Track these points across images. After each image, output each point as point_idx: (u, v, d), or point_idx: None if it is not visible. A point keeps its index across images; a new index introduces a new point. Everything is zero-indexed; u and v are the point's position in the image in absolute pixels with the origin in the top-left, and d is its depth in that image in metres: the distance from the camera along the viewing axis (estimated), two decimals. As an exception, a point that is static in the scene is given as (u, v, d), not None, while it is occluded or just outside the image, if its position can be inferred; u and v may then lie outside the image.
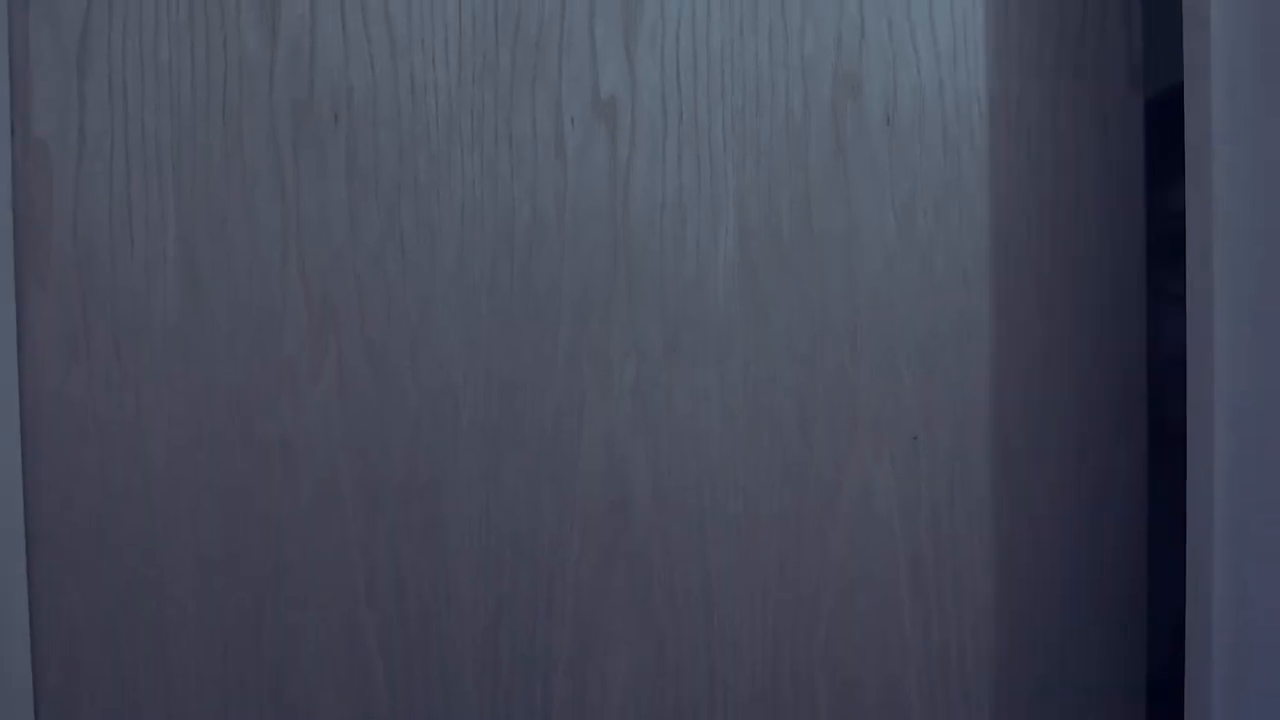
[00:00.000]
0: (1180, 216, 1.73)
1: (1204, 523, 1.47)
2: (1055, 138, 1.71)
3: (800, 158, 1.69)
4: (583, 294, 1.65)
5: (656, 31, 1.64)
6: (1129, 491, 1.72)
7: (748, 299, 1.68)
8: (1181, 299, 1.78)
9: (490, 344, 1.66)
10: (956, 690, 1.72)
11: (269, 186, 1.62)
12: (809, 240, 1.69)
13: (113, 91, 1.60)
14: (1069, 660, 1.71)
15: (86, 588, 1.61)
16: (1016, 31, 1.70)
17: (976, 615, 1.74)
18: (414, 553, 1.67)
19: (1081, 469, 1.75)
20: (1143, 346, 1.69)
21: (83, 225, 1.60)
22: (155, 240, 1.62)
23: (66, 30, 1.58)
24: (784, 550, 1.70)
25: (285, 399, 1.64)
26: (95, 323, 1.60)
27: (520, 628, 1.67)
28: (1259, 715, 1.45)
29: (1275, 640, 1.46)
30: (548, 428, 1.67)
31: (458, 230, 1.65)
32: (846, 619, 1.71)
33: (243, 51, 1.61)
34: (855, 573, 1.72)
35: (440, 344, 1.65)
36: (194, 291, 1.61)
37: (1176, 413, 1.74)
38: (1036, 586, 1.74)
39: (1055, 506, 1.75)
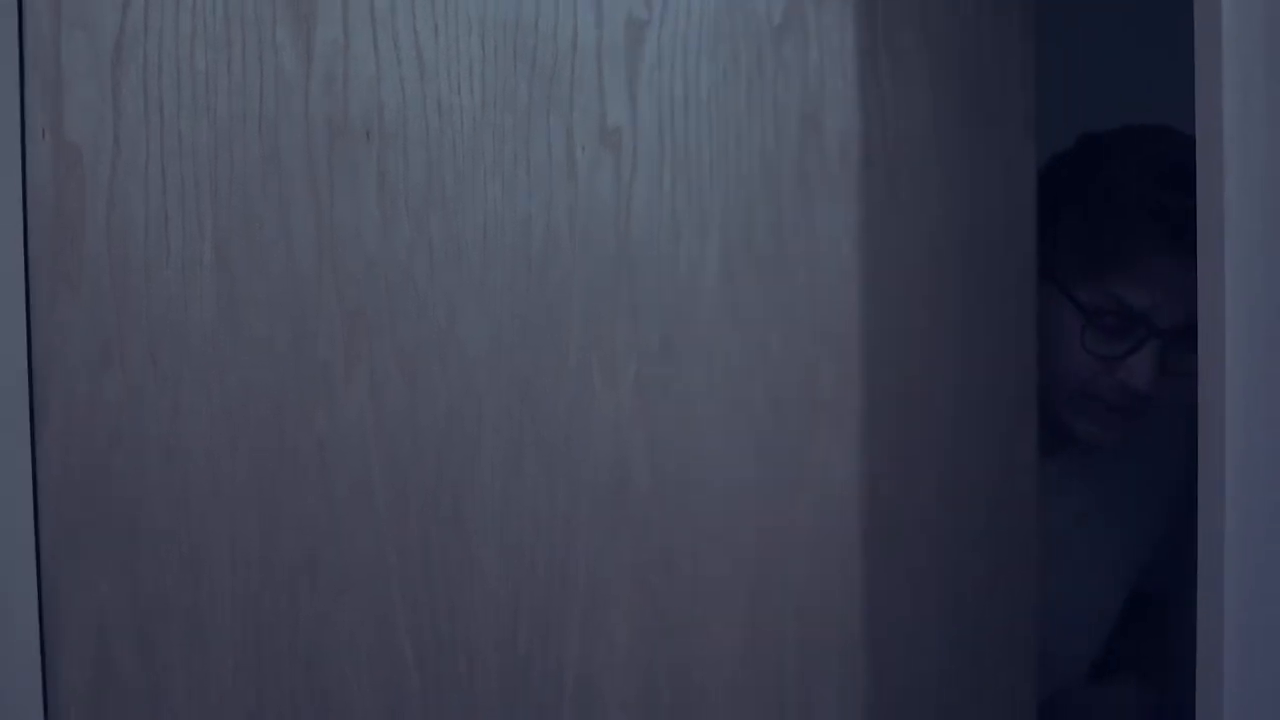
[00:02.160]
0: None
1: (1215, 527, 0.81)
2: (973, 173, 1.17)
3: (773, 185, 1.08)
4: (591, 300, 1.02)
5: (654, 73, 1.03)
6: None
7: (729, 305, 1.07)
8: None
9: (511, 347, 1.00)
10: (902, 627, 1.14)
11: (304, 198, 0.93)
12: (779, 256, 1.08)
13: (148, 98, 0.89)
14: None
15: (121, 589, 0.89)
16: (945, 87, 1.14)
17: (913, 566, 1.15)
18: (441, 541, 0.98)
19: (1007, 440, 1.21)
20: (1031, 320, 1.20)
21: (117, 231, 0.89)
22: (192, 247, 0.91)
23: (100, 35, 0.88)
24: (760, 519, 1.08)
25: (320, 403, 0.94)
26: (129, 328, 0.89)
27: (537, 600, 1.01)
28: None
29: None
30: (562, 421, 1.02)
31: (481, 242, 0.99)
32: (810, 574, 1.10)
33: (279, 67, 0.92)
34: (818, 536, 1.10)
35: (466, 348, 0.99)
36: (230, 298, 0.92)
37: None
38: (962, 535, 1.18)
39: (984, 470, 1.19)
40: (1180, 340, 1.16)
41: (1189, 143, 1.16)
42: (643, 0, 1.03)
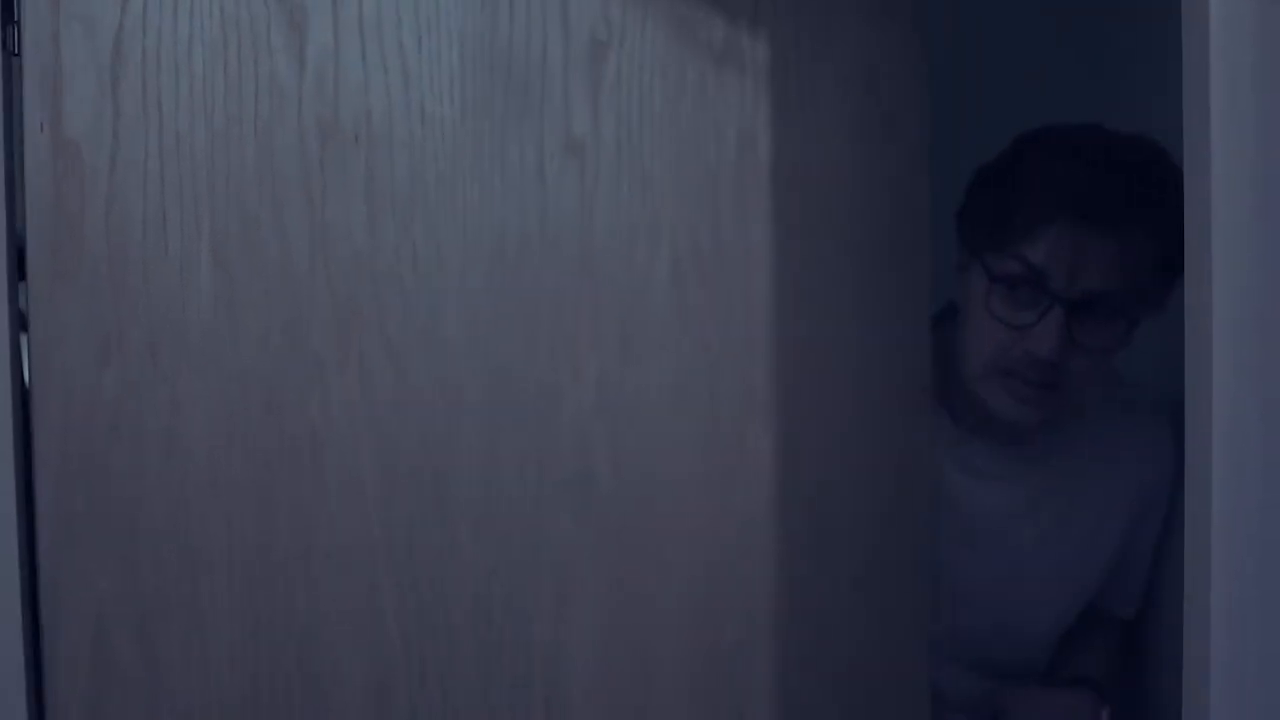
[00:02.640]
0: None
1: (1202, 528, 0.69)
2: (872, 189, 1.11)
3: (715, 199, 1.02)
4: (558, 299, 0.95)
5: (615, 91, 0.96)
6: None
7: (677, 307, 1.00)
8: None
9: (488, 342, 0.92)
10: (820, 597, 1.07)
11: (297, 197, 0.84)
12: (720, 262, 1.02)
13: (146, 97, 0.79)
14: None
15: (120, 582, 0.79)
16: (851, 113, 1.07)
17: (827, 542, 1.07)
18: (425, 525, 0.90)
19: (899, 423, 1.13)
20: (924, 323, 1.11)
21: (116, 228, 0.79)
22: (190, 244, 0.81)
23: (99, 31, 0.78)
24: (704, 504, 1.02)
25: (314, 395, 0.85)
26: (129, 324, 0.79)
27: (511, 580, 0.93)
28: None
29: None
30: (532, 412, 0.94)
31: (460, 242, 0.91)
32: (747, 553, 1.03)
33: (273, 71, 0.83)
34: (751, 520, 1.04)
35: (447, 341, 0.91)
36: (228, 293, 0.82)
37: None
38: (868, 514, 1.10)
39: (884, 454, 1.11)
40: (1088, 312, 1.04)
41: (1114, 135, 1.06)
42: (604, 22, 0.96)
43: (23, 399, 0.77)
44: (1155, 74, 1.08)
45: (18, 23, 0.75)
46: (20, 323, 0.78)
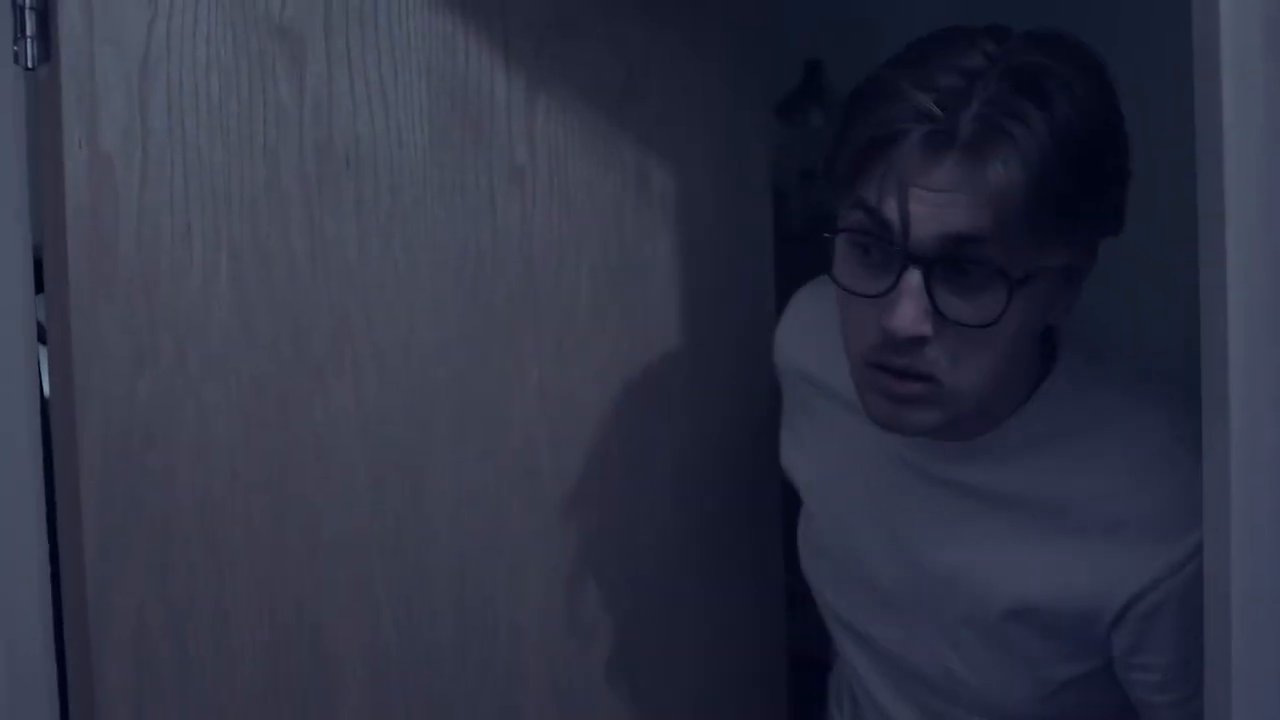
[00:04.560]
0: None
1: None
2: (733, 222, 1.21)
3: (620, 218, 1.12)
4: (508, 310, 1.03)
5: (545, 127, 1.05)
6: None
7: (598, 316, 1.10)
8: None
9: (455, 350, 0.99)
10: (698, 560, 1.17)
11: (300, 215, 0.89)
12: (626, 275, 1.12)
13: (171, 116, 0.82)
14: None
15: (156, 583, 0.81)
16: (714, 158, 1.18)
17: (708, 515, 1.16)
18: (409, 518, 0.96)
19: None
20: (769, 325, 1.17)
21: (147, 239, 0.81)
22: (211, 255, 0.84)
23: (129, 54, 0.80)
24: (625, 487, 1.11)
25: (317, 398, 0.90)
26: (160, 333, 0.81)
27: (478, 564, 1.00)
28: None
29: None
30: (491, 414, 1.02)
31: (431, 257, 0.98)
32: (656, 526, 1.13)
33: (278, 97, 0.88)
34: (655, 498, 1.13)
35: (423, 346, 0.97)
36: (243, 303, 0.86)
37: None
38: (741, 489, 1.19)
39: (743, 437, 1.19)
40: (956, 272, 0.75)
41: (987, 30, 0.77)
42: (535, 64, 1.04)
43: (42, 409, 0.76)
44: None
45: (32, 37, 0.75)
46: (39, 335, 0.77)
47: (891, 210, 0.76)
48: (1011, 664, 0.85)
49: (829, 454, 0.97)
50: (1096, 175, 0.75)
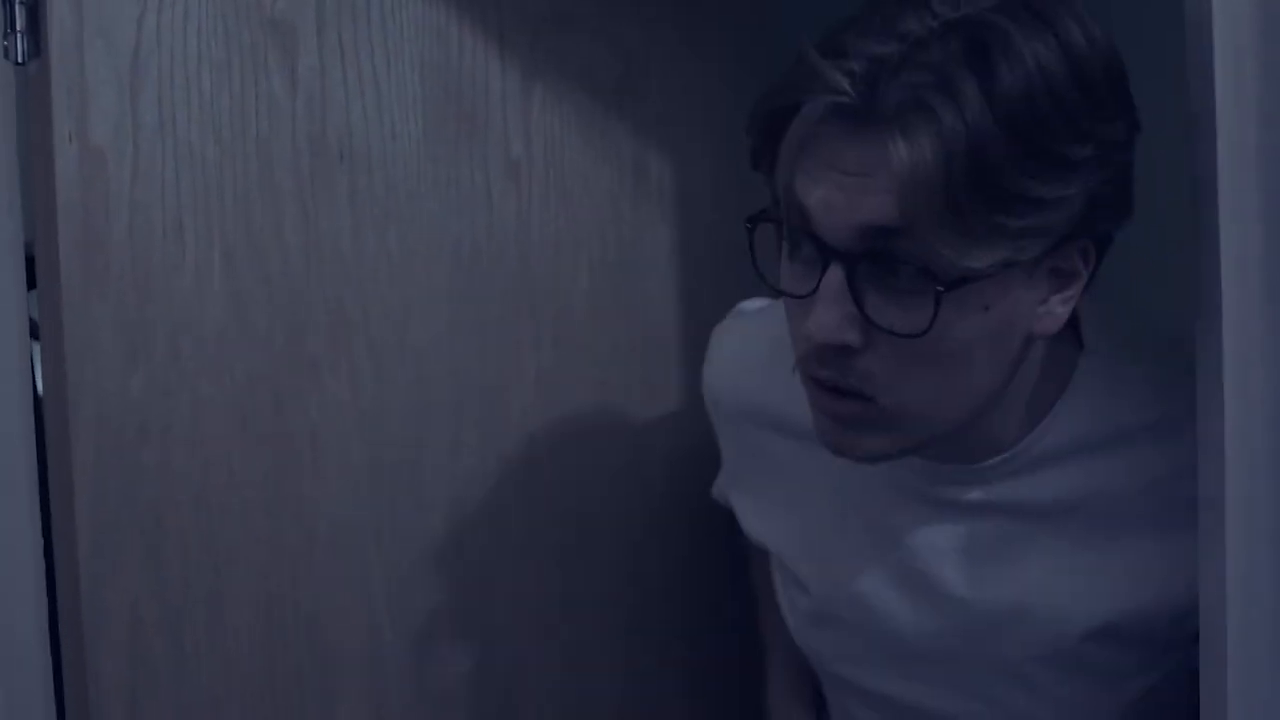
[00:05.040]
0: None
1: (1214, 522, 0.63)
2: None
3: (617, 212, 1.10)
4: (503, 303, 1.02)
5: (541, 120, 1.04)
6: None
7: (595, 310, 1.08)
8: None
9: (450, 343, 0.98)
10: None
11: (294, 209, 0.88)
12: (623, 269, 1.11)
13: (162, 110, 0.80)
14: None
15: (151, 578, 0.79)
16: (713, 150, 1.14)
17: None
18: (406, 511, 0.95)
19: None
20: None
21: (140, 235, 0.80)
22: (204, 251, 0.83)
23: (119, 47, 0.78)
24: (624, 483, 1.09)
25: (312, 393, 0.89)
26: (152, 328, 0.80)
27: (477, 563, 0.99)
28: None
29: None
30: (488, 405, 1.01)
31: (426, 251, 0.96)
32: (658, 517, 1.11)
33: (270, 90, 0.86)
34: (665, 490, 1.12)
35: (419, 340, 0.96)
36: (237, 299, 0.85)
37: None
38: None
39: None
40: (885, 271, 0.64)
41: None
42: (530, 57, 1.04)
43: (35, 406, 0.76)
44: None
45: (22, 32, 0.74)
46: (31, 331, 0.76)
47: (808, 195, 0.64)
48: (1090, 686, 0.74)
49: (810, 505, 0.80)
50: (1049, 160, 0.61)
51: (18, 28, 0.74)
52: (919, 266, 0.62)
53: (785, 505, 0.82)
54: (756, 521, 0.86)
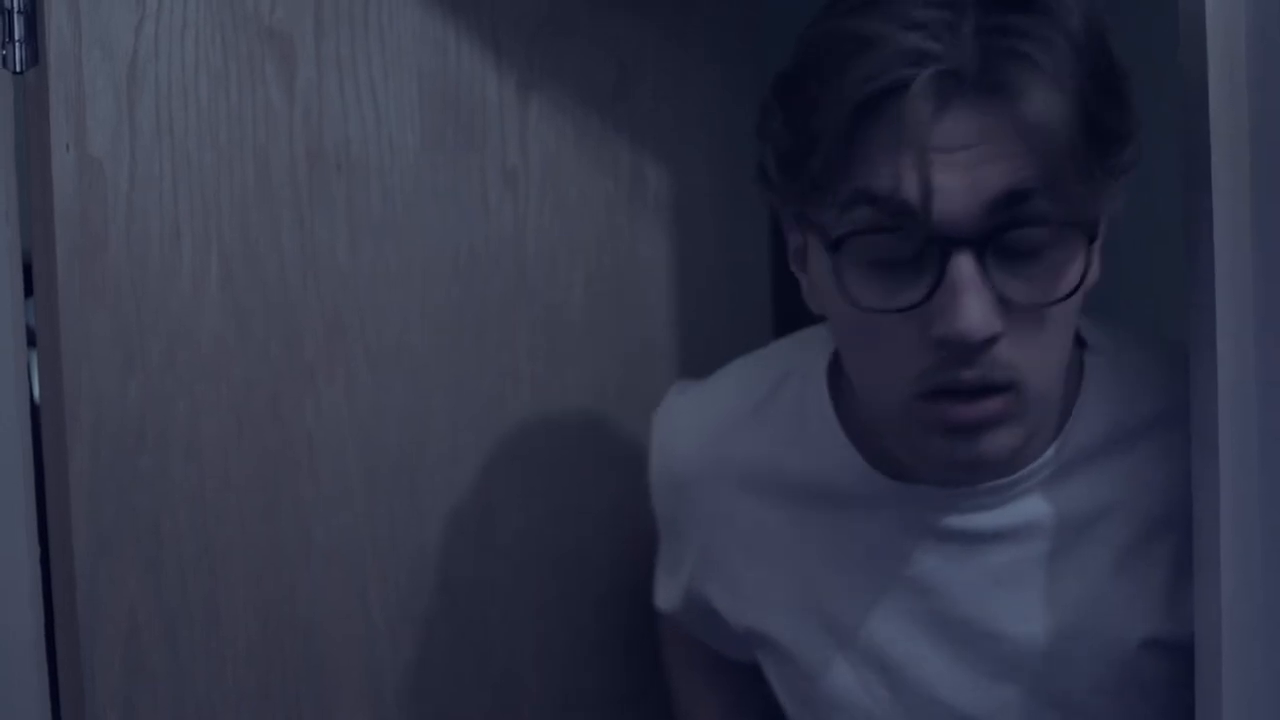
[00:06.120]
0: None
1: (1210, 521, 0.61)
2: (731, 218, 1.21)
3: (614, 220, 1.10)
4: (500, 311, 1.02)
5: (538, 128, 1.04)
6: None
7: (590, 319, 1.09)
8: None
9: (448, 352, 0.98)
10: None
11: (290, 218, 0.88)
12: (620, 277, 1.11)
13: (159, 119, 0.80)
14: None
15: (148, 585, 0.79)
16: (713, 159, 1.17)
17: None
18: (403, 521, 0.95)
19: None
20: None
21: (136, 242, 0.79)
22: (201, 259, 0.83)
23: (116, 56, 0.78)
24: (617, 493, 1.08)
25: (309, 400, 0.89)
26: (149, 335, 0.80)
27: (475, 569, 0.99)
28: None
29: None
30: (486, 408, 1.01)
31: (423, 259, 0.97)
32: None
33: (268, 99, 0.87)
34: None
35: (416, 348, 0.96)
36: (234, 305, 0.85)
37: None
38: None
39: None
40: (1009, 244, 0.59)
41: None
42: (526, 65, 1.04)
43: (32, 413, 0.76)
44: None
45: (20, 41, 0.74)
46: (28, 338, 0.76)
47: (912, 189, 0.57)
48: (1146, 699, 0.67)
49: (813, 578, 0.72)
50: (1118, 96, 0.60)
51: (16, 36, 0.74)
52: (1063, 223, 0.58)
53: (782, 584, 0.74)
54: (748, 609, 0.76)
